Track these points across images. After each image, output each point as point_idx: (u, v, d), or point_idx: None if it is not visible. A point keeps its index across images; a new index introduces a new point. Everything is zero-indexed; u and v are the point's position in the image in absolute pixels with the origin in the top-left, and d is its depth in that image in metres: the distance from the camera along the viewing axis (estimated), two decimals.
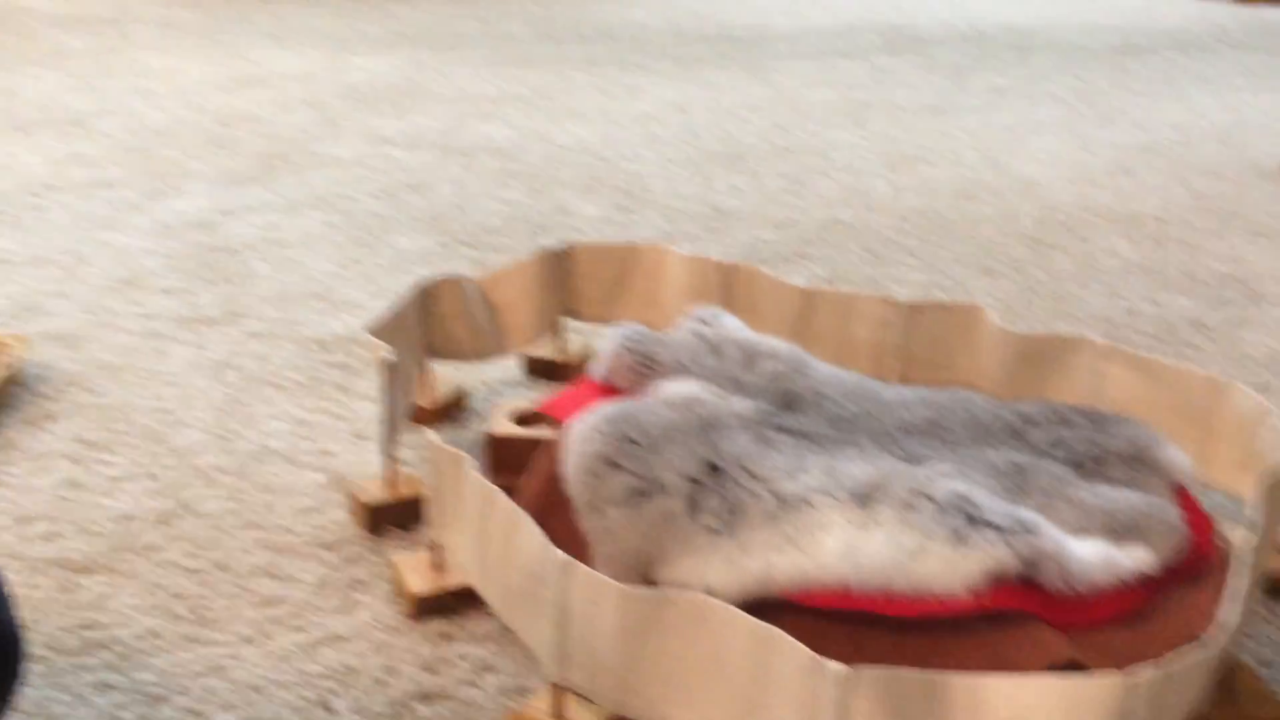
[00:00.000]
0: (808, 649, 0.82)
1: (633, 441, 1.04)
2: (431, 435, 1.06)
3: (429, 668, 1.03)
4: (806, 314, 1.38)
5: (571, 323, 1.62)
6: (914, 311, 1.33)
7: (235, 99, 2.69)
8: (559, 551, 0.92)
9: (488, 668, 1.03)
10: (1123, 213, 2.09)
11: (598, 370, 1.19)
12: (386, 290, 1.71)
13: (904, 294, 1.72)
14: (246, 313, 1.65)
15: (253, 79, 2.86)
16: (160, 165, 2.23)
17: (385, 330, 1.28)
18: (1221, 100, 2.93)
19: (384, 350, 1.20)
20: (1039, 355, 1.27)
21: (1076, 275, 1.84)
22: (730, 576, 0.96)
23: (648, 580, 0.99)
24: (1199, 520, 1.01)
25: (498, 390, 1.48)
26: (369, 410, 1.41)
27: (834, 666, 0.80)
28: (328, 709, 0.99)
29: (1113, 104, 2.85)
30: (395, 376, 1.22)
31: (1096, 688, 0.79)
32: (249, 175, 2.18)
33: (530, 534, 0.95)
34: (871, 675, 0.80)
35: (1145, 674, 0.79)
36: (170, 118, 2.54)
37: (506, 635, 1.07)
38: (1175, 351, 1.59)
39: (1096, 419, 1.08)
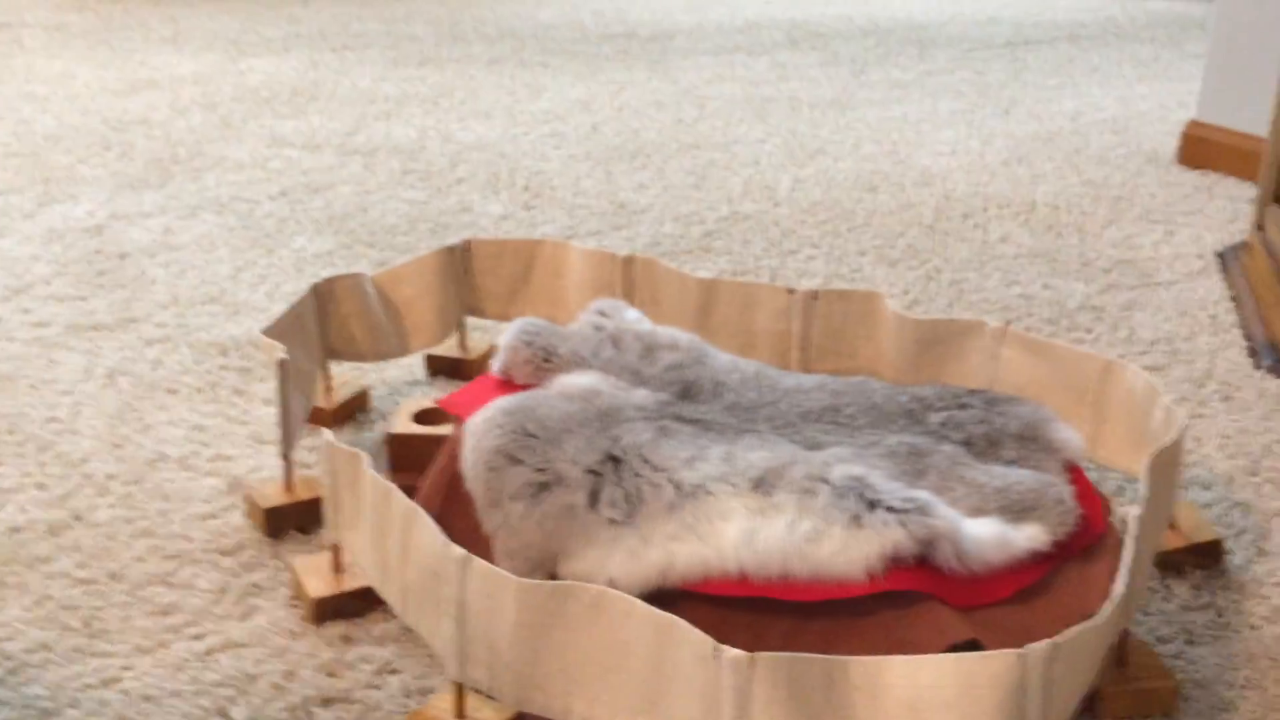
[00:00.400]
0: (706, 636, 0.82)
1: (531, 435, 1.03)
2: (328, 435, 1.05)
3: (329, 671, 1.02)
4: (707, 305, 1.38)
5: (475, 320, 1.61)
6: (813, 300, 1.34)
7: (128, 103, 2.64)
8: (456, 547, 0.91)
9: (390, 669, 1.02)
10: (1019, 201, 2.13)
11: (497, 365, 1.18)
12: (286, 293, 1.69)
13: (806, 284, 1.73)
14: (141, 318, 1.62)
15: (146, 82, 2.81)
16: (51, 171, 2.18)
17: (281, 331, 1.25)
18: (1113, 90, 2.99)
19: (279, 351, 1.18)
20: (936, 340, 1.28)
21: (974, 262, 1.86)
22: (632, 567, 0.96)
23: (551, 575, 0.99)
24: (1091, 498, 1.03)
25: (401, 390, 1.47)
26: (268, 414, 1.39)
27: (732, 653, 0.80)
28: (225, 717, 0.97)
29: (1009, 96, 2.90)
30: (292, 378, 1.20)
31: (991, 664, 0.80)
32: (142, 179, 2.13)
33: (428, 531, 0.94)
34: (769, 660, 0.80)
35: (1038, 650, 0.80)
36: (61, 123, 2.48)
37: (409, 636, 1.05)
38: (1069, 335, 1.62)
39: (990, 400, 1.09)
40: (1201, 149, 2.33)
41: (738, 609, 0.95)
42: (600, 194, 2.15)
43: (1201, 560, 1.14)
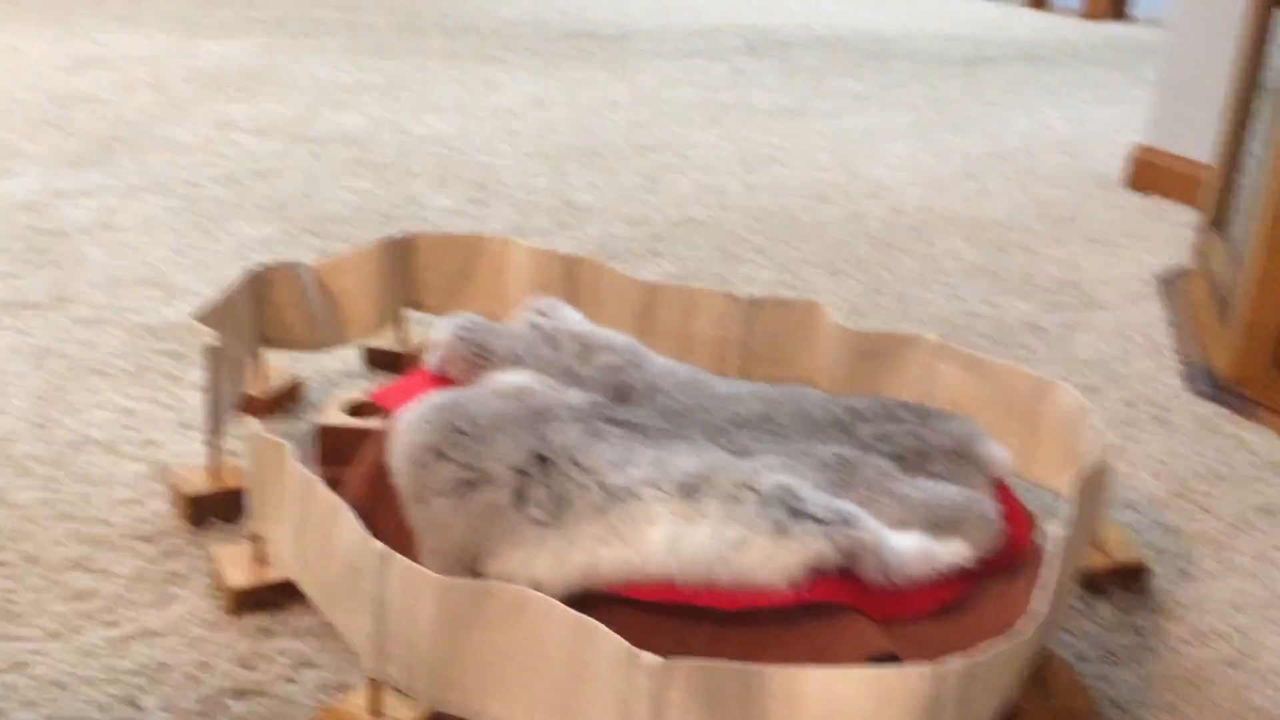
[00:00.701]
0: (624, 641, 0.81)
1: (460, 431, 1.02)
2: (253, 423, 1.03)
3: (245, 663, 1.00)
4: (649, 308, 1.38)
5: (415, 314, 1.60)
6: (754, 307, 1.34)
7: (75, 79, 2.59)
8: (377, 542, 0.90)
9: (307, 663, 1.01)
10: (967, 217, 2.14)
11: (431, 360, 1.17)
12: (225, 278, 1.66)
13: (752, 292, 1.73)
14: (74, 298, 1.59)
15: (96, 60, 2.77)
16: None
17: (214, 316, 1.24)
18: (1066, 111, 3.02)
19: (209, 336, 1.16)
20: (874, 352, 1.29)
21: (920, 277, 1.87)
22: (556, 569, 0.95)
23: (475, 573, 0.98)
24: (1017, 515, 1.03)
25: (336, 382, 1.45)
26: (198, 400, 1.37)
27: (648, 658, 0.80)
28: (135, 706, 0.95)
29: (964, 112, 2.92)
30: (221, 363, 1.18)
31: (907, 679, 0.79)
32: (85, 157, 2.10)
33: (349, 525, 0.92)
34: (685, 667, 0.79)
35: (954, 664, 0.80)
36: (5, 97, 2.43)
37: (328, 630, 1.04)
38: (1010, 353, 1.63)
39: (922, 414, 1.09)
40: (1149, 173, 2.35)
41: (661, 614, 0.94)
42: (550, 192, 2.14)
43: (1125, 581, 1.15)
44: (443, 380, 1.15)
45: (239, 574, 1.06)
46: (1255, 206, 1.54)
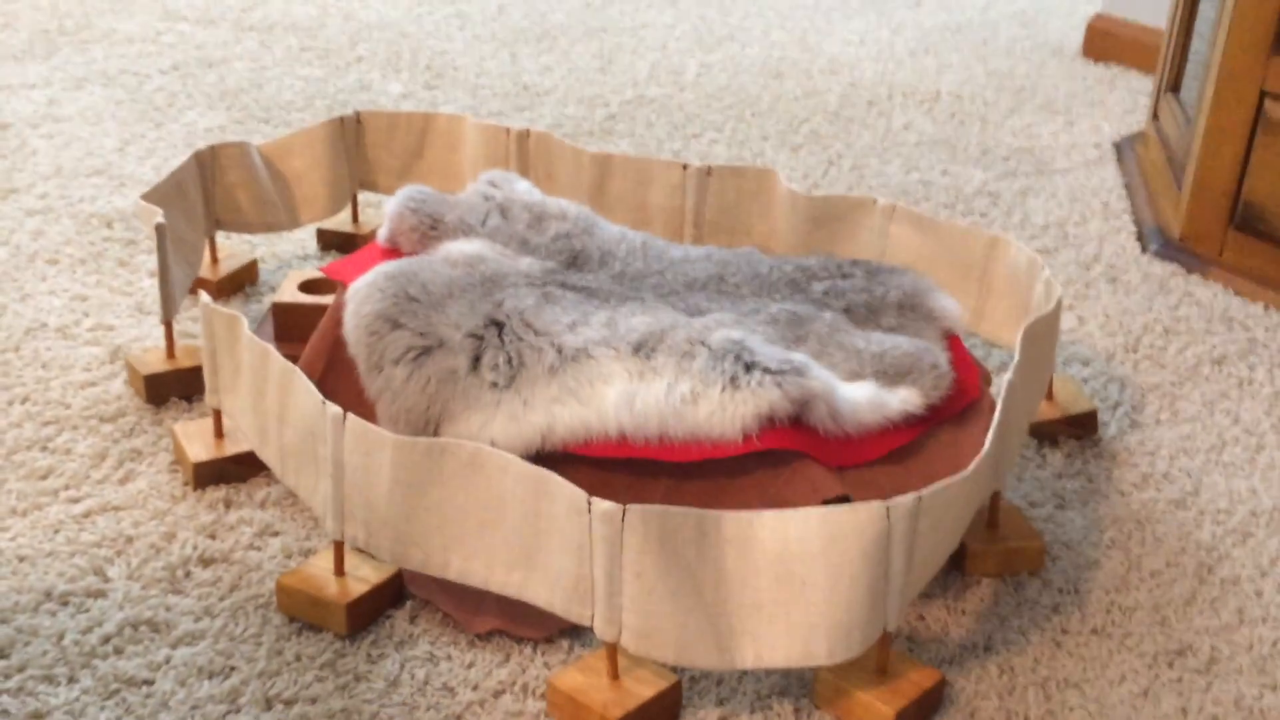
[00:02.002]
0: (580, 490, 0.83)
1: (413, 299, 1.02)
2: (205, 298, 1.03)
3: (209, 533, 1.01)
4: (602, 180, 1.37)
5: (369, 196, 1.59)
6: (707, 176, 1.33)
7: None
8: (333, 406, 0.90)
9: (271, 531, 1.02)
10: (924, 90, 2.13)
11: (382, 233, 1.16)
12: (175, 167, 1.64)
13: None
14: (21, 189, 1.57)
15: None
16: None
17: (161, 197, 1.22)
18: None
19: (157, 216, 1.15)
20: (828, 216, 1.29)
21: (876, 149, 1.87)
22: (513, 430, 0.96)
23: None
24: (968, 365, 1.05)
25: (291, 264, 1.44)
26: (152, 286, 1.36)
27: (603, 505, 0.81)
28: (102, 576, 0.96)
29: None
30: (172, 244, 1.18)
31: (857, 517, 0.81)
32: (27, 51, 2.06)
33: (304, 391, 0.93)
34: (640, 513, 0.81)
35: (902, 503, 0.82)
36: None
37: (291, 500, 1.05)
38: (965, 219, 1.63)
39: (872, 270, 1.10)
40: (1105, 42, 2.34)
41: (618, 471, 0.96)
42: (504, 75, 2.12)
43: (1076, 431, 1.17)
44: (394, 252, 1.15)
45: (199, 448, 1.06)
46: (1207, 68, 1.54)
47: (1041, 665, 0.92)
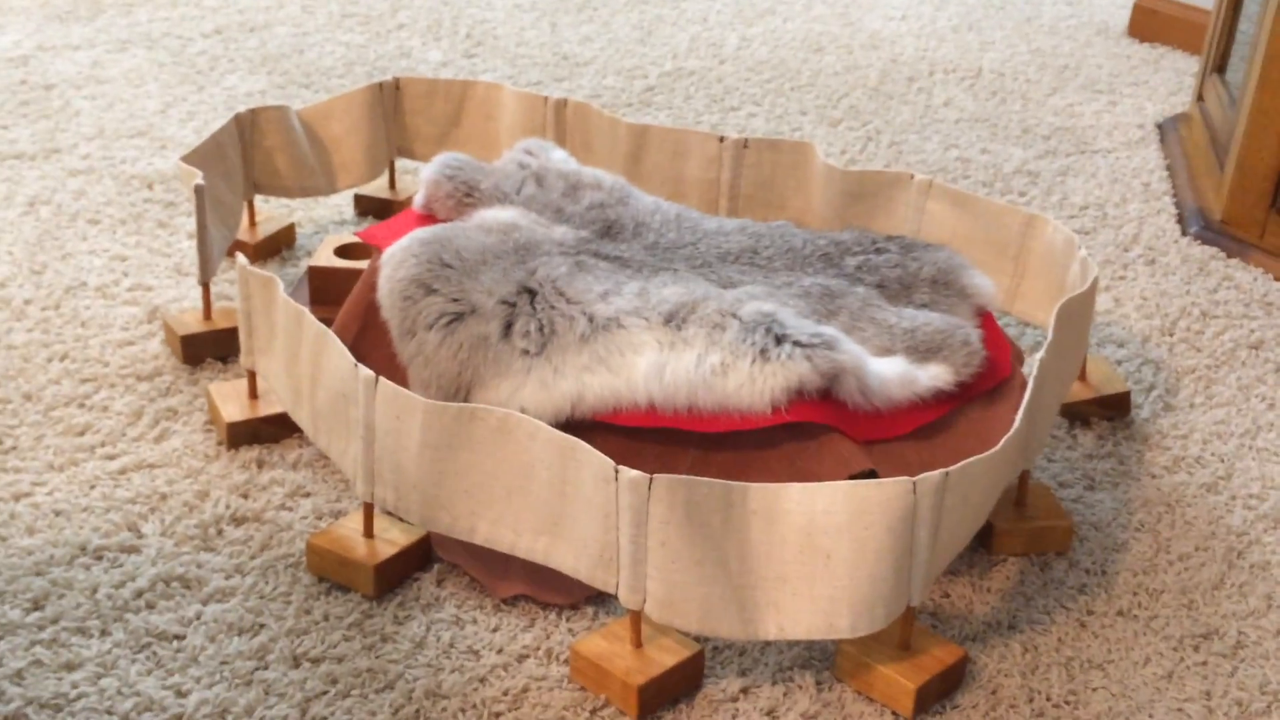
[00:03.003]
0: (607, 458, 0.83)
1: (447, 265, 1.03)
2: (242, 259, 1.04)
3: (241, 492, 1.02)
4: (638, 151, 1.37)
5: (406, 162, 1.59)
6: (743, 149, 1.33)
7: None
8: (365, 369, 0.91)
9: (302, 492, 1.03)
10: (965, 67, 2.11)
11: (418, 199, 1.17)
12: (215, 130, 1.65)
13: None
14: (64, 149, 1.58)
15: None
16: None
17: (201, 159, 1.23)
18: None
19: (196, 177, 1.16)
20: (864, 192, 1.28)
21: (915, 126, 1.85)
22: (544, 398, 0.96)
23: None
24: (1000, 343, 1.04)
25: (328, 230, 1.45)
26: (191, 247, 1.37)
27: (630, 474, 0.82)
28: (136, 532, 0.98)
29: None
30: (211, 206, 1.19)
31: (883, 491, 0.81)
32: (73, 12, 2.07)
33: (338, 353, 0.94)
34: (667, 481, 0.81)
35: (929, 479, 0.82)
36: None
37: (323, 462, 1.06)
38: (1003, 198, 1.62)
39: (907, 246, 1.10)
40: (1152, 21, 2.31)
41: (647, 440, 0.96)
42: (544, 45, 2.11)
43: (1109, 412, 1.17)
44: (430, 219, 1.16)
45: (234, 408, 1.08)
46: (1254, 49, 1.52)
47: (1066, 645, 0.92)
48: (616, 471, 0.82)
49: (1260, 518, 1.05)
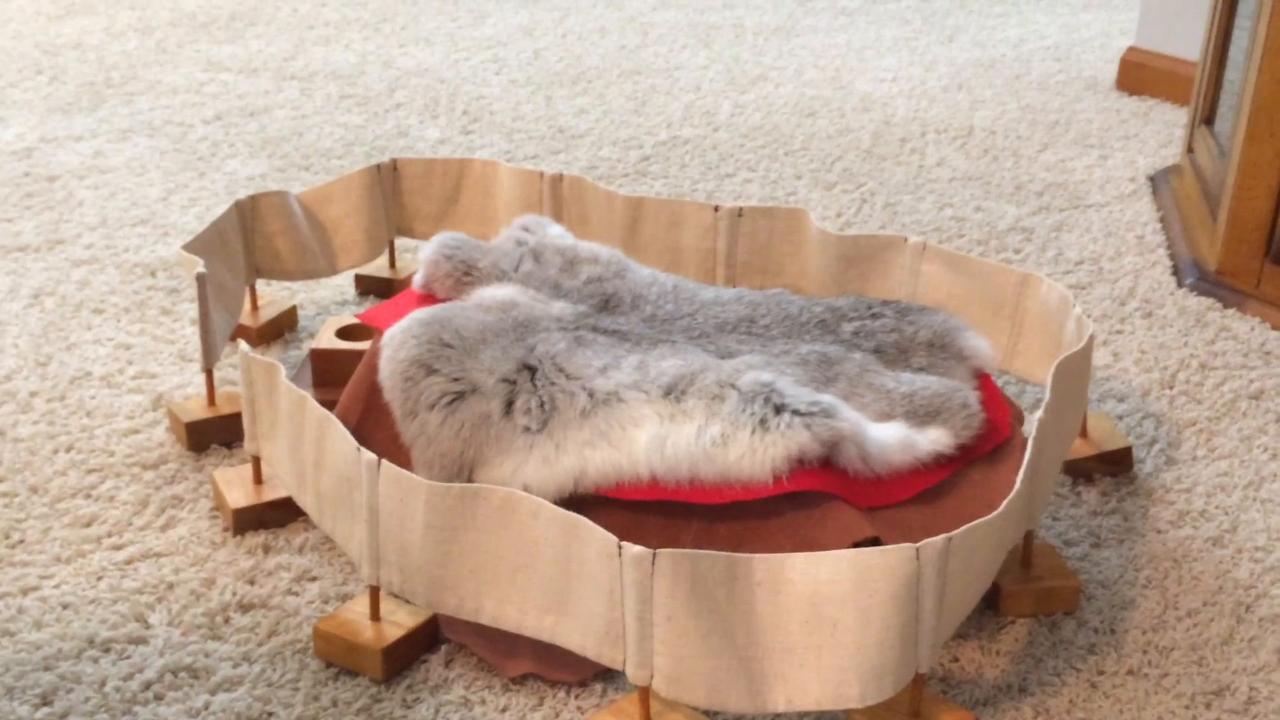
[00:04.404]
0: (610, 534, 0.83)
1: (447, 345, 1.04)
2: (244, 346, 1.05)
3: (248, 579, 1.02)
4: (634, 223, 1.39)
5: (406, 241, 1.61)
6: (738, 217, 1.35)
7: (63, 27, 2.59)
8: (368, 452, 0.92)
9: (309, 577, 1.03)
10: (957, 126, 2.13)
11: (417, 279, 1.18)
12: (217, 216, 1.67)
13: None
14: (68, 240, 1.60)
15: (81, 6, 2.76)
16: None
17: (203, 247, 1.25)
18: (1057, 19, 2.99)
19: (198, 265, 1.17)
20: (859, 256, 1.29)
21: (909, 186, 1.87)
22: (546, 474, 0.97)
23: (468, 483, 1.00)
24: (999, 404, 1.05)
25: (330, 310, 1.47)
26: (194, 334, 1.39)
27: (634, 550, 0.82)
28: (143, 622, 0.98)
29: (954, 23, 2.90)
30: (213, 293, 1.20)
31: (887, 559, 0.81)
32: (75, 103, 2.10)
33: (340, 437, 0.94)
34: (670, 556, 0.81)
35: (933, 545, 0.82)
36: None
37: (329, 546, 1.06)
38: (998, 255, 1.64)
39: (902, 310, 1.10)
40: (1140, 75, 2.34)
41: (650, 513, 0.96)
42: (539, 119, 2.14)
43: (1111, 468, 1.17)
44: (429, 299, 1.17)
45: (239, 494, 1.08)
46: (1240, 101, 1.54)
47: (1077, 707, 0.91)
48: (620, 547, 0.83)
49: (1267, 570, 1.05)
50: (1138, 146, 2.06)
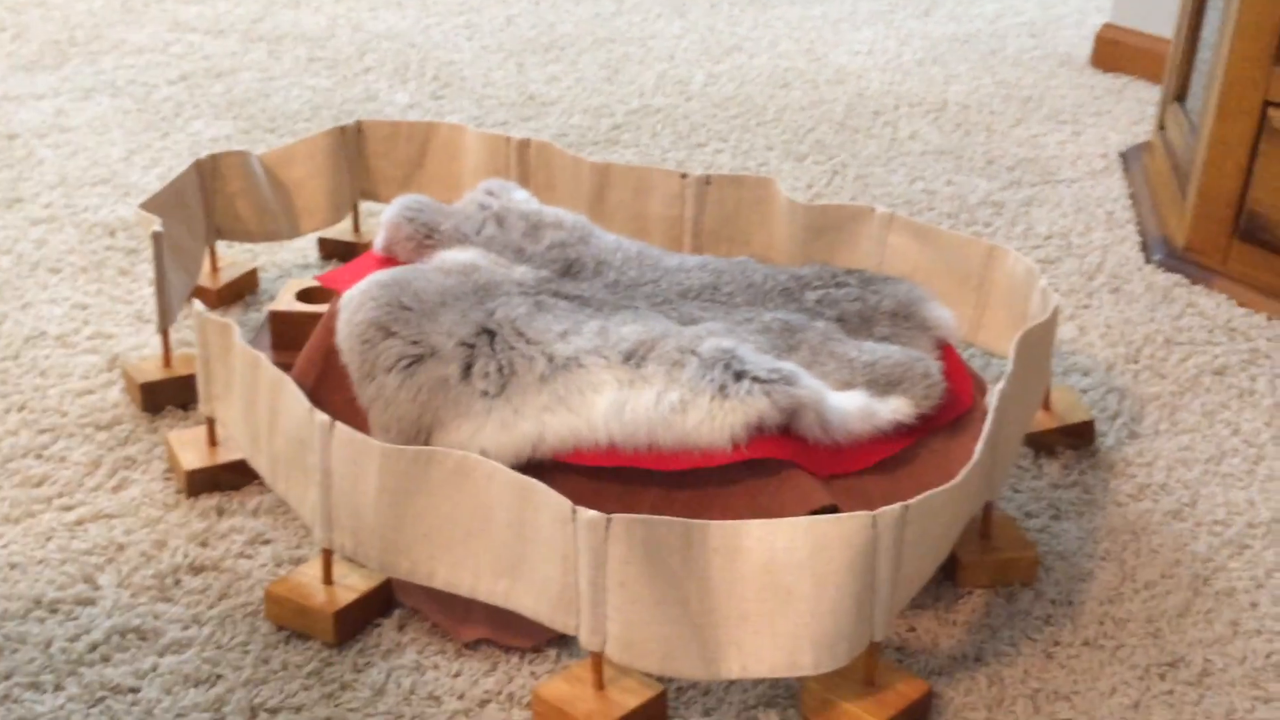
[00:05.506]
0: (565, 499, 0.83)
1: (406, 308, 1.02)
2: (199, 306, 1.03)
3: (200, 541, 1.01)
4: (601, 189, 1.37)
5: (373, 205, 1.59)
6: (706, 185, 1.33)
7: None
8: (321, 414, 0.91)
9: (262, 540, 1.02)
10: (931, 100, 2.12)
11: (378, 242, 1.17)
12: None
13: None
14: (27, 198, 1.58)
15: None
16: None
17: (160, 206, 1.23)
18: None
19: (154, 224, 1.15)
20: (827, 226, 1.29)
21: (881, 159, 1.86)
22: (504, 439, 0.96)
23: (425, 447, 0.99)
24: (961, 374, 1.04)
25: (292, 274, 1.45)
26: (153, 294, 1.36)
27: (588, 515, 0.81)
28: (92, 584, 0.96)
29: None
30: (170, 252, 1.18)
31: (843, 526, 0.81)
32: (38, 61, 2.07)
33: (294, 399, 0.93)
34: (624, 522, 0.81)
35: (889, 513, 0.81)
36: None
37: (282, 508, 1.05)
38: (970, 230, 1.63)
39: (866, 280, 1.10)
40: (1114, 52, 2.33)
41: (608, 480, 0.95)
42: (510, 85, 2.12)
43: (1074, 441, 1.17)
44: (390, 261, 1.15)
45: (192, 456, 1.07)
46: (1211, 78, 1.53)
47: (1032, 677, 0.91)
48: (574, 512, 0.82)
49: (1225, 544, 1.05)
50: (1110, 123, 2.06)
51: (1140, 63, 2.30)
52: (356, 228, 1.49)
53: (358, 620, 0.93)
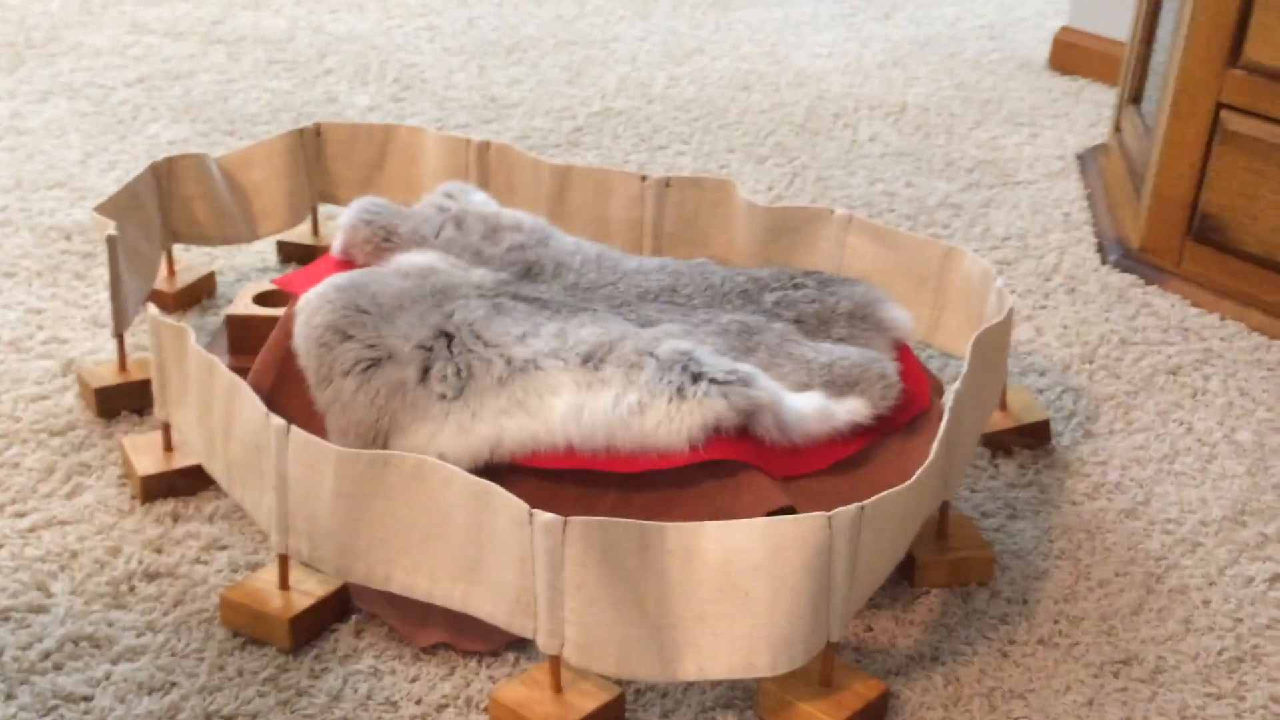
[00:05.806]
0: (522, 502, 0.82)
1: (363, 311, 1.02)
2: (153, 310, 1.03)
3: (156, 547, 1.00)
4: (561, 192, 1.37)
5: (332, 208, 1.58)
6: (665, 187, 1.33)
7: None
8: (277, 418, 0.90)
9: (218, 545, 1.01)
10: (891, 103, 2.14)
11: (336, 245, 1.16)
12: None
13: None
14: None
15: None
16: None
17: (116, 209, 1.22)
18: None
19: (109, 227, 1.14)
20: (786, 228, 1.29)
21: (841, 161, 1.87)
22: (462, 442, 0.96)
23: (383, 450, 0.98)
24: (917, 375, 1.05)
25: (250, 277, 1.44)
26: (108, 298, 1.35)
27: (545, 517, 0.81)
28: (45, 591, 0.95)
29: (891, 1, 2.90)
30: (125, 256, 1.17)
31: (799, 528, 0.81)
32: None
33: (249, 403, 0.93)
34: (581, 524, 0.81)
35: (845, 514, 0.82)
36: None
37: (239, 513, 1.04)
38: (928, 231, 1.64)
39: (824, 281, 1.10)
40: (1071, 55, 2.35)
41: (567, 482, 0.95)
42: (472, 88, 2.12)
43: (1029, 441, 1.18)
44: (348, 264, 1.15)
45: (148, 462, 1.06)
46: (1166, 81, 1.55)
47: (988, 676, 0.92)
48: (531, 515, 0.82)
49: (1178, 542, 1.06)
50: (1067, 125, 2.08)
51: (1097, 65, 2.32)
52: (315, 231, 1.48)
53: (314, 626, 0.92)
